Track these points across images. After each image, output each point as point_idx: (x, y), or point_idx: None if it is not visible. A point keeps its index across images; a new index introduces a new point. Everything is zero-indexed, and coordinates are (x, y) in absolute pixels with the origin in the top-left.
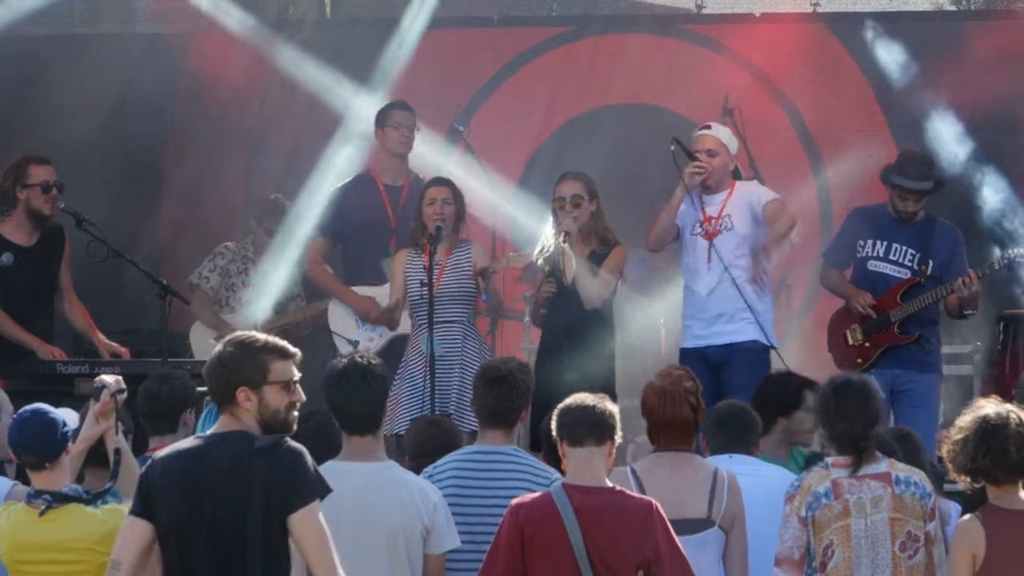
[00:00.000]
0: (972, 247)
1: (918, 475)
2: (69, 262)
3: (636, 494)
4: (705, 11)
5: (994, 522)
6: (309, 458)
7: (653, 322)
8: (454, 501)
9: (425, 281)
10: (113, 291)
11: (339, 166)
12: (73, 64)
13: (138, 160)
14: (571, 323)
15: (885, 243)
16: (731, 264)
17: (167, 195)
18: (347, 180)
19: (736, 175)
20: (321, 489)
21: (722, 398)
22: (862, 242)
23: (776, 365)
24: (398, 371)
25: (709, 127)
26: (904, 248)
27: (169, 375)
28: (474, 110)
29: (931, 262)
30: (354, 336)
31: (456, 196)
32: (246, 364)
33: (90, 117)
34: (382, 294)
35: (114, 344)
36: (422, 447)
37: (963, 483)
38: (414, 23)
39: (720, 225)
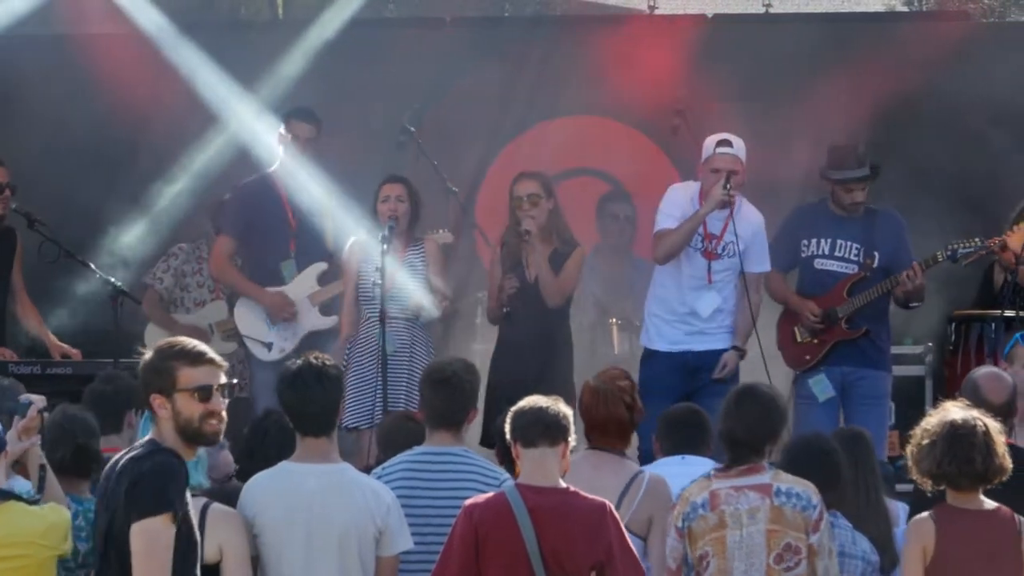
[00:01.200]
0: None
1: (804, 487)
2: (21, 263)
3: (590, 495)
4: (658, 12)
5: (946, 519)
6: (166, 472)
7: (605, 321)
8: (404, 502)
9: (378, 281)
10: (66, 292)
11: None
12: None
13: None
14: (534, 320)
15: (829, 240)
16: (726, 283)
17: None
18: (249, 179)
19: None
20: (161, 507)
21: (694, 399)
22: (806, 241)
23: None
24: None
25: (730, 144)
26: (849, 243)
27: (114, 376)
28: (426, 111)
29: (876, 254)
30: (267, 338)
31: (411, 193)
32: (155, 371)
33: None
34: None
35: (65, 345)
36: (395, 441)
37: (925, 486)
38: (323, 29)
39: (721, 249)
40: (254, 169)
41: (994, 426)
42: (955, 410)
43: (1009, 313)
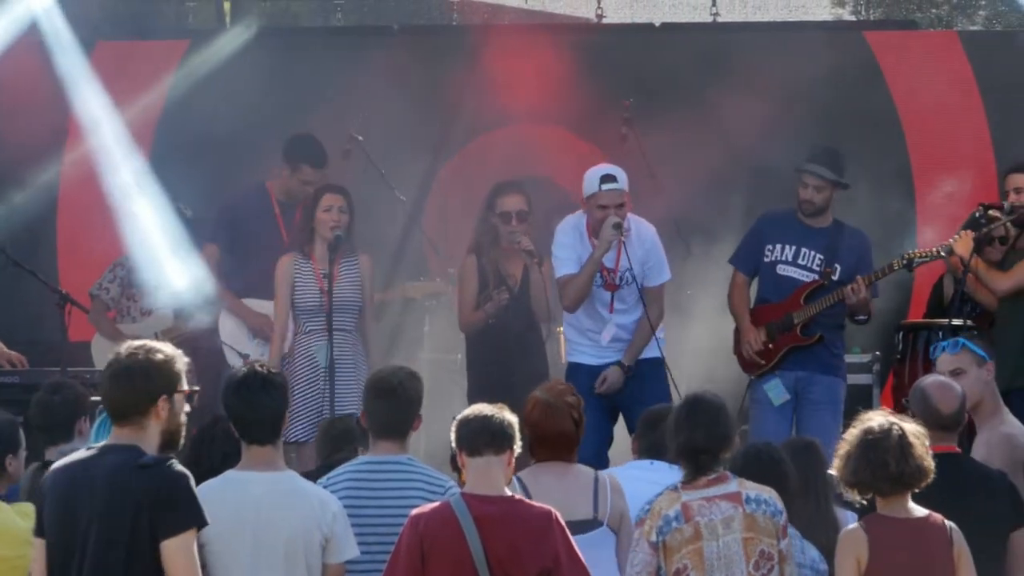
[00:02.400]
0: None
1: (768, 493)
2: None
3: (535, 503)
4: (606, 20)
5: (877, 529)
6: (192, 483)
7: (553, 330)
8: (350, 511)
9: (324, 288)
10: (14, 300)
11: None
12: None
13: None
14: (518, 331)
15: (794, 247)
16: (631, 308)
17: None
18: (240, 191)
19: None
20: (198, 519)
21: (615, 413)
22: (771, 246)
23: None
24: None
25: (615, 179)
26: (812, 252)
27: (61, 384)
28: (373, 119)
29: (838, 267)
30: (245, 349)
31: (351, 205)
32: (172, 372)
33: None
34: (269, 307)
35: (12, 353)
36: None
37: (852, 495)
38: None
39: (619, 279)
40: None
41: (913, 430)
42: (875, 417)
43: (957, 322)
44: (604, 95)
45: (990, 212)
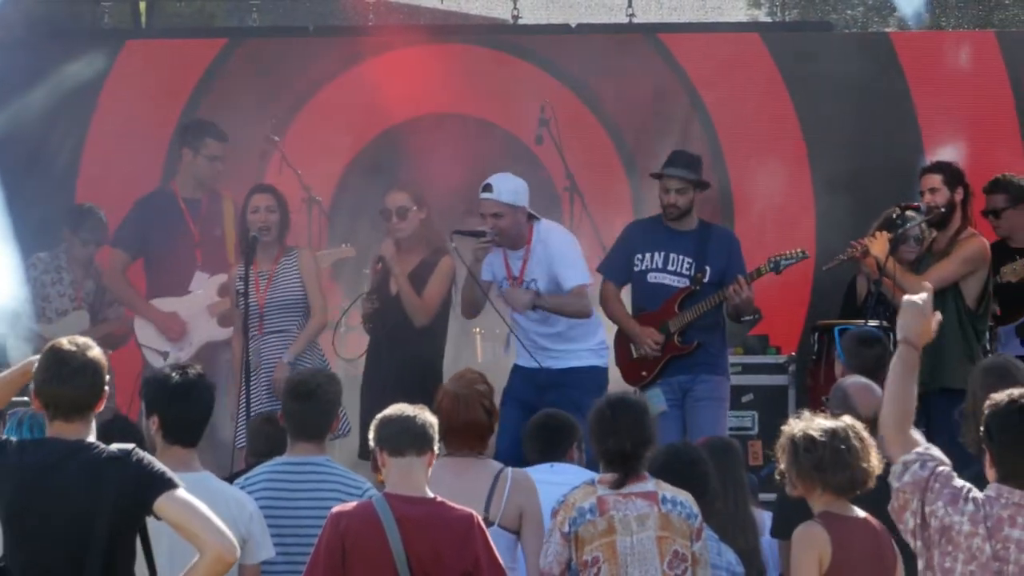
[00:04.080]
0: None
1: (684, 496)
2: None
3: (457, 505)
4: (521, 22)
5: (836, 528)
6: (157, 461)
7: (469, 330)
8: (267, 512)
9: (259, 290)
10: None
11: None
12: None
13: None
14: (399, 333)
15: (662, 254)
16: (543, 320)
17: None
18: (146, 194)
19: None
20: (174, 482)
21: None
22: (640, 255)
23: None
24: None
25: (491, 189)
26: (681, 257)
27: None
28: (290, 120)
29: (708, 269)
30: (163, 347)
31: (280, 203)
32: (105, 365)
33: None
34: (184, 306)
35: None
36: (260, 448)
37: (797, 493)
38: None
39: (526, 288)
40: None
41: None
42: (798, 421)
43: (873, 323)
44: (520, 96)
45: (907, 213)
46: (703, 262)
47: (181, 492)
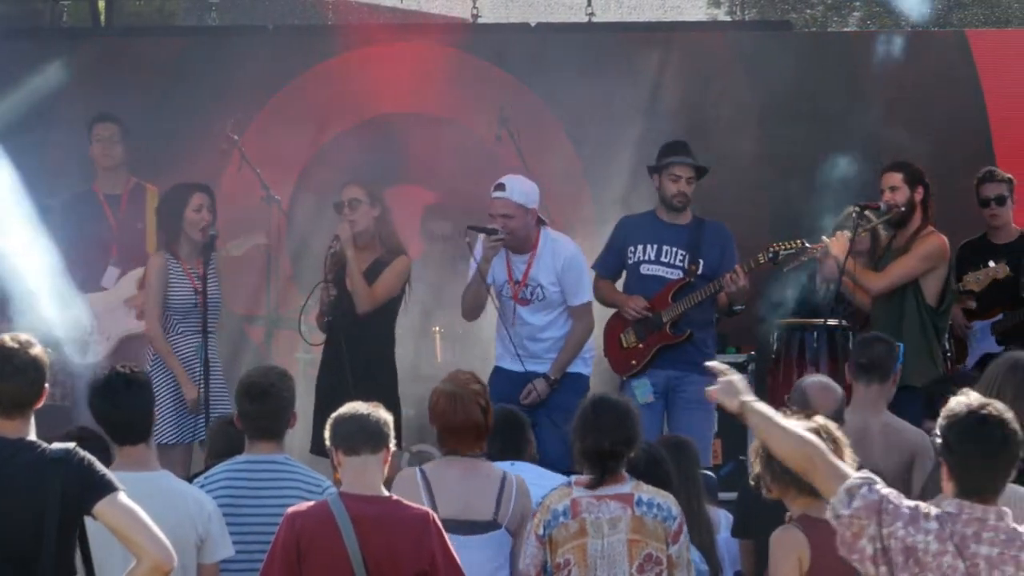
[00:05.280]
0: None
1: (664, 498)
2: None
3: (413, 504)
4: (481, 20)
5: (814, 531)
6: (99, 463)
7: (429, 329)
8: (226, 511)
9: (198, 289)
10: None
11: None
12: None
13: None
14: (353, 328)
15: (655, 246)
16: (540, 330)
17: None
18: (68, 196)
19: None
20: (115, 486)
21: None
22: (632, 248)
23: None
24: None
25: (503, 188)
26: (674, 250)
27: None
28: (250, 118)
29: (701, 262)
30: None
31: (214, 203)
32: (46, 361)
33: None
34: (101, 299)
35: None
36: (220, 448)
37: (773, 496)
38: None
39: (529, 293)
40: None
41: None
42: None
43: (832, 322)
44: (479, 95)
45: (866, 212)
46: (696, 255)
47: (122, 497)
